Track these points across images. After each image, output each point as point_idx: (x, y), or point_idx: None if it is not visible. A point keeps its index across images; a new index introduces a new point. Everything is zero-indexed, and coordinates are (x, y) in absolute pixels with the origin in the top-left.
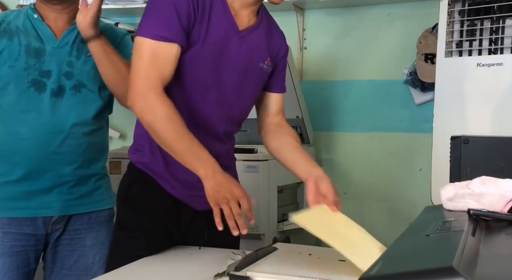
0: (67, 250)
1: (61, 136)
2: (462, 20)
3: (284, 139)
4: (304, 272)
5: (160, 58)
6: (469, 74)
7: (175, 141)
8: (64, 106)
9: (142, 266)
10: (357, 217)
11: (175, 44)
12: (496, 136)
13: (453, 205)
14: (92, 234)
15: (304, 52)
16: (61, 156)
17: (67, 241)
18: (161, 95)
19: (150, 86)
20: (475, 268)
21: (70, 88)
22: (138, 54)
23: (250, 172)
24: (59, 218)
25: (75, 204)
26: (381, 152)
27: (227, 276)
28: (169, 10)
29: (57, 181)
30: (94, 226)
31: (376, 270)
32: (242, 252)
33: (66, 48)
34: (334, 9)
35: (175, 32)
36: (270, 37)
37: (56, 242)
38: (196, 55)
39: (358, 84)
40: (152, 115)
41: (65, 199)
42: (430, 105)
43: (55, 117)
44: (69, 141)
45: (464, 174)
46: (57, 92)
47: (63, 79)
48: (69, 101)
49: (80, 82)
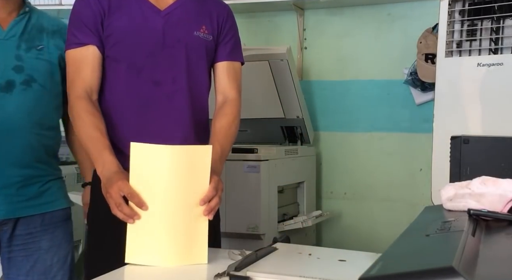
0: (22, 255)
1: (9, 134)
2: (462, 20)
3: (214, 124)
4: (304, 272)
5: (79, 63)
6: (469, 74)
7: (88, 144)
8: (13, 102)
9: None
10: (357, 217)
11: (89, 46)
12: (496, 136)
13: (453, 205)
14: (47, 236)
15: (304, 52)
16: (8, 155)
17: (21, 247)
18: (85, 105)
19: (76, 97)
20: (475, 268)
21: (20, 83)
22: (66, 68)
23: (250, 172)
24: (5, 220)
25: (23, 206)
26: (381, 152)
27: (227, 276)
28: (76, 20)
29: (4, 182)
30: (48, 228)
31: (376, 270)
32: (242, 252)
33: (13, 40)
34: (334, 9)
35: (83, 34)
36: (202, 6)
37: (9, 247)
38: (121, 44)
39: (358, 84)
40: (76, 123)
41: (12, 201)
42: (430, 105)
43: (2, 114)
44: (17, 140)
45: (464, 174)
46: (5, 87)
47: (11, 73)
48: (19, 96)
49: (31, 77)
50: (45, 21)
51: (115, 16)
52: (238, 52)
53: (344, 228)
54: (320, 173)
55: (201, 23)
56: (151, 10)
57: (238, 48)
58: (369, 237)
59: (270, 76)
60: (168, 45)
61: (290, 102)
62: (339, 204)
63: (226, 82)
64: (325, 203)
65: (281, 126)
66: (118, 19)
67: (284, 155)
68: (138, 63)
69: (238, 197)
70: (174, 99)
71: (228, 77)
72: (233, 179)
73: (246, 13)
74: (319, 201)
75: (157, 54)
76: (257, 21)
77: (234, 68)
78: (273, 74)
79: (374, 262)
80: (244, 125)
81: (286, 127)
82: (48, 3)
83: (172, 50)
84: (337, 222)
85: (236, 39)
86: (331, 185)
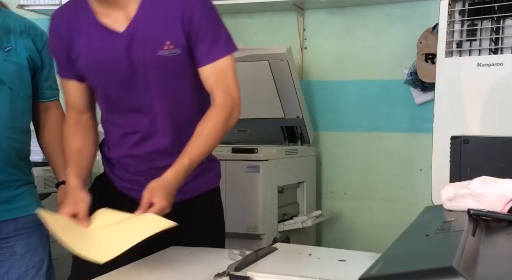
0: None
1: None
2: (463, 20)
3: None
4: (304, 272)
5: (65, 89)
6: (469, 74)
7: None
8: None
9: (141, 266)
10: (357, 217)
11: (67, 79)
12: (496, 136)
13: (453, 205)
14: (21, 241)
15: (305, 52)
16: None
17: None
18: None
19: (67, 120)
20: (475, 268)
21: None
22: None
23: (250, 172)
24: None
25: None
26: (381, 152)
27: (227, 276)
28: (51, 51)
29: None
30: (23, 233)
31: (376, 270)
32: (242, 252)
33: None
34: (334, 9)
35: (59, 68)
36: (166, 11)
37: None
38: (91, 77)
39: (358, 84)
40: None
41: None
42: (430, 105)
43: None
44: None
45: (464, 174)
46: None
47: None
48: None
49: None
50: (12, 21)
51: (78, 48)
52: (219, 47)
53: (344, 228)
54: (320, 173)
55: (164, 38)
56: (110, 35)
57: (219, 41)
58: (369, 237)
59: (270, 76)
60: (136, 70)
61: (290, 102)
62: (339, 204)
63: (212, 86)
64: (325, 203)
65: (281, 126)
66: (81, 51)
67: (284, 155)
68: (112, 95)
69: (238, 197)
70: (155, 124)
71: (213, 80)
72: (233, 179)
73: (246, 13)
74: (319, 201)
75: (128, 82)
76: (257, 21)
77: (219, 67)
78: (273, 74)
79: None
80: (244, 125)
81: (286, 127)
82: (48, 3)
83: (140, 75)
84: (337, 222)
85: (213, 33)
86: (331, 185)
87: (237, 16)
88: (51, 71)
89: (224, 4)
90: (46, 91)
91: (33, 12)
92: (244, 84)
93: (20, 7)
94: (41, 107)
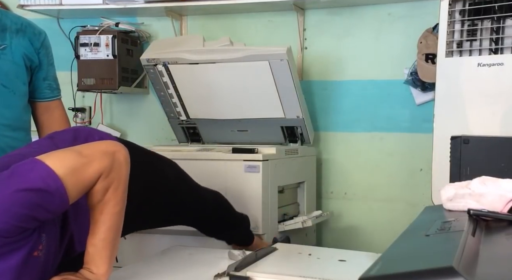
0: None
1: None
2: (463, 20)
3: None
4: (304, 272)
5: None
6: (469, 74)
7: None
8: None
9: (142, 266)
10: (357, 217)
11: None
12: (496, 136)
13: (453, 205)
14: None
15: (305, 52)
16: None
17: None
18: None
19: None
20: (475, 268)
21: None
22: None
23: (250, 172)
24: None
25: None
26: (381, 152)
27: (227, 276)
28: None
29: None
30: None
31: (376, 270)
32: (242, 252)
33: None
34: (334, 9)
35: None
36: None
37: None
38: None
39: (358, 84)
40: None
41: None
42: (430, 105)
43: None
44: None
45: (464, 174)
46: None
47: None
48: None
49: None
50: (8, 19)
51: None
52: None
53: (344, 228)
54: (320, 173)
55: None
56: None
57: None
58: (369, 237)
59: (270, 76)
60: None
61: (290, 102)
62: (339, 204)
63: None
64: (325, 203)
65: (281, 126)
66: None
67: (284, 155)
68: None
69: (238, 197)
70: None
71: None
72: (233, 179)
73: (246, 13)
74: (319, 201)
75: None
76: (257, 21)
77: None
78: (273, 74)
79: (374, 262)
80: (244, 125)
81: (286, 127)
82: (48, 3)
83: None
84: (337, 222)
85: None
86: (331, 185)
87: (237, 16)
88: (50, 70)
89: (224, 4)
90: (45, 90)
91: (33, 12)
92: (244, 84)
93: (20, 7)
94: (42, 107)
